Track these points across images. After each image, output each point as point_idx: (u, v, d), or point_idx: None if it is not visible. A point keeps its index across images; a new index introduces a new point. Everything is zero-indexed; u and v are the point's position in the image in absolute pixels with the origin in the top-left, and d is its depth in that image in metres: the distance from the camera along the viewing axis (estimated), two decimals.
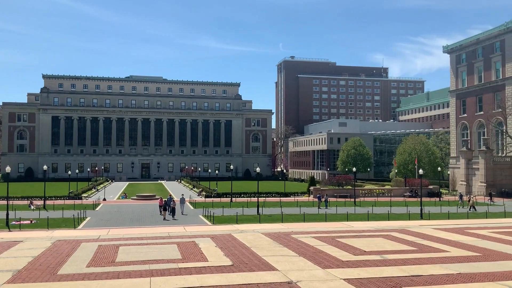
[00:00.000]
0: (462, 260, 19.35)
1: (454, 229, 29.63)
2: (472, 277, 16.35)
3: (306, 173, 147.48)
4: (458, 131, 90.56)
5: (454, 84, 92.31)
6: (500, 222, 34.98)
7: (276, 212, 46.04)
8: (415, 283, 15.36)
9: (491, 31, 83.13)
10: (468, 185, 78.24)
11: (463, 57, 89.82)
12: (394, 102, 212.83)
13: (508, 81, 78.16)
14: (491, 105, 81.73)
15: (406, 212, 45.57)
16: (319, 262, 18.83)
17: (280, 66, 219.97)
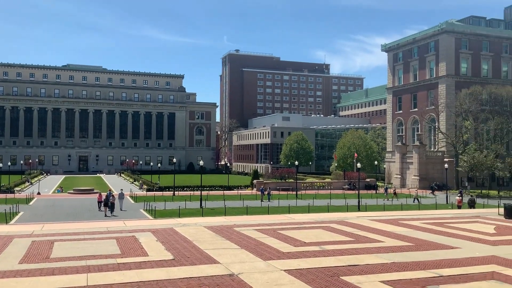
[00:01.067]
0: (396, 250, 20.29)
1: (389, 220, 31.01)
2: (405, 265, 17.19)
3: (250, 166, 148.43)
4: (394, 127, 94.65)
5: (391, 82, 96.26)
6: (431, 214, 37.01)
7: (219, 206, 46.03)
8: (352, 272, 15.93)
9: (426, 32, 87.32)
10: (402, 178, 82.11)
11: (400, 56, 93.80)
12: (335, 97, 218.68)
13: (441, 79, 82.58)
14: (425, 103, 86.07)
15: (344, 204, 47.12)
16: (261, 254, 19.04)
17: (224, 59, 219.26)
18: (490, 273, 16.02)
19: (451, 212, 38.25)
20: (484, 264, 17.53)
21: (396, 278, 15.13)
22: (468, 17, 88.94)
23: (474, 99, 75.20)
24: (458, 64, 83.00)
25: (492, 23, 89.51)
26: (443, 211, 40.79)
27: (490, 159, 68.75)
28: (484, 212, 38.35)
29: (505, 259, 18.40)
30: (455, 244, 21.80)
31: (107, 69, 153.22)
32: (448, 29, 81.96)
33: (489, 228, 27.38)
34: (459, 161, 72.77)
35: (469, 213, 37.59)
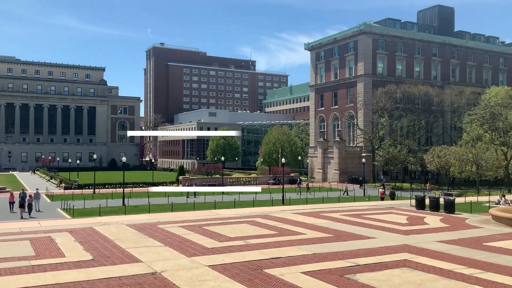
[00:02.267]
0: (317, 242, 21.05)
1: (311, 213, 32.08)
2: (325, 256, 17.88)
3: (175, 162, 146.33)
4: (316, 123, 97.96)
5: (313, 80, 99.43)
6: (350, 206, 38.81)
7: (143, 203, 44.89)
8: (275, 265, 16.29)
9: (346, 32, 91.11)
10: (324, 172, 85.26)
11: (322, 55, 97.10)
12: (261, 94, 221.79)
13: (360, 78, 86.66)
14: (345, 100, 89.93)
15: (269, 199, 47.99)
16: (185, 250, 18.87)
17: (149, 53, 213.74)
18: (402, 261, 17.12)
19: (368, 204, 40.36)
20: (397, 252, 18.69)
21: (316, 269, 15.70)
22: (385, 19, 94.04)
23: (389, 98, 79.78)
24: (375, 64, 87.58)
25: (407, 25, 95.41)
26: (361, 203, 42.93)
27: (403, 154, 73.37)
28: (397, 203, 40.91)
29: (416, 247, 19.76)
30: (371, 234, 23.03)
31: (20, 60, 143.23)
32: (366, 30, 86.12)
33: (402, 219, 29.25)
34: (376, 156, 76.95)
35: (384, 204, 39.89)
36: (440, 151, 65.92)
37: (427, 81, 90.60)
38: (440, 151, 65.92)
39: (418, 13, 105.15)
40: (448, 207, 32.18)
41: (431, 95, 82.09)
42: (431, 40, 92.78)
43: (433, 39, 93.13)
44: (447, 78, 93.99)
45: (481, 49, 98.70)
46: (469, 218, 29.06)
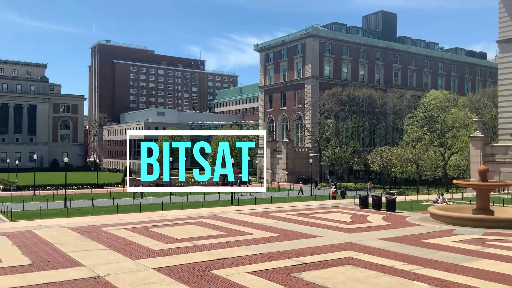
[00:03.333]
0: (264, 241, 21.22)
1: (259, 213, 32.31)
2: (272, 256, 18.05)
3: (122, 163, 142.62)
4: (265, 124, 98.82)
5: (263, 81, 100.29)
6: (297, 205, 39.44)
7: (86, 205, 43.43)
8: (222, 266, 16.27)
9: (294, 35, 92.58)
10: (273, 172, 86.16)
11: (271, 56, 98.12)
12: (211, 94, 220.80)
13: (307, 80, 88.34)
14: (293, 101, 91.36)
15: (218, 199, 47.87)
16: (130, 253, 18.43)
17: (94, 50, 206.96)
18: (346, 258, 17.61)
19: (315, 204, 41.20)
20: (341, 250, 19.19)
21: (263, 268, 15.83)
22: (331, 23, 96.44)
23: (335, 100, 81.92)
24: (322, 66, 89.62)
25: (352, 30, 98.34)
26: (308, 202, 43.75)
27: (348, 154, 75.57)
28: (342, 202, 42.04)
29: (359, 245, 20.37)
30: (317, 233, 23.51)
31: None
32: (313, 34, 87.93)
33: (346, 217, 30.07)
34: (322, 156, 78.75)
35: (330, 204, 40.87)
36: (382, 151, 68.44)
37: (371, 84, 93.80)
38: (382, 151, 68.44)
39: (363, 18, 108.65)
40: (390, 205, 33.43)
41: (374, 97, 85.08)
42: (375, 45, 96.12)
43: (377, 43, 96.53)
44: (389, 81, 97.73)
45: (422, 54, 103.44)
46: (409, 216, 30.33)
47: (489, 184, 30.09)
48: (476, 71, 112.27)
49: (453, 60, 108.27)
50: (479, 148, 54.11)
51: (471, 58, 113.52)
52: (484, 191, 28.76)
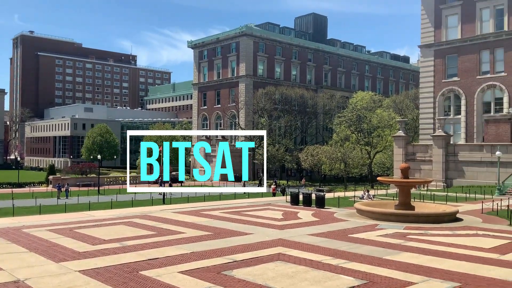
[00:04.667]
0: (196, 240, 21.05)
1: (191, 212, 32.03)
2: (204, 254, 17.95)
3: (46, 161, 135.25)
4: (199, 121, 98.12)
5: (197, 78, 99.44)
6: (230, 203, 39.57)
7: (6, 205, 40.65)
8: (152, 266, 15.93)
9: (228, 33, 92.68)
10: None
11: (205, 54, 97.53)
12: (143, 90, 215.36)
13: (241, 79, 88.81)
14: (227, 99, 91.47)
15: (149, 198, 46.81)
16: (53, 256, 17.52)
17: (16, 41, 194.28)
18: (276, 254, 17.91)
19: (247, 201, 41.54)
20: (272, 247, 19.49)
21: (194, 267, 15.70)
22: (265, 23, 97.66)
23: (268, 99, 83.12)
24: (256, 65, 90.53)
25: (285, 31, 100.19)
26: (241, 200, 44.01)
27: (281, 152, 77.00)
28: (275, 200, 42.77)
29: (289, 241, 20.81)
30: (249, 230, 23.71)
31: None
32: (247, 33, 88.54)
33: (278, 214, 30.63)
34: (256, 155, 79.57)
35: (263, 201, 41.43)
36: (313, 150, 70.49)
37: (303, 84, 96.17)
38: (313, 150, 70.49)
39: (295, 19, 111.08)
40: (319, 202, 34.50)
41: (306, 97, 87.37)
42: (307, 46, 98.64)
43: (308, 45, 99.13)
44: (320, 82, 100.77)
45: (350, 57, 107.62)
46: (337, 212, 31.46)
47: (410, 181, 31.95)
48: (400, 74, 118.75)
49: (379, 63, 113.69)
50: (401, 147, 57.31)
51: (395, 62, 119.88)
52: (405, 188, 30.49)
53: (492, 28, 59.89)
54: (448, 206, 31.67)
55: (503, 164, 47.00)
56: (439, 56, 64.26)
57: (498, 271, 15.45)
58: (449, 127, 62.41)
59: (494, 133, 55.03)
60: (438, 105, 64.30)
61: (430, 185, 48.95)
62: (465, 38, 61.83)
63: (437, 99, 64.32)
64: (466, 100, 61.76)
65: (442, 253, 18.38)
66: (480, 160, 51.22)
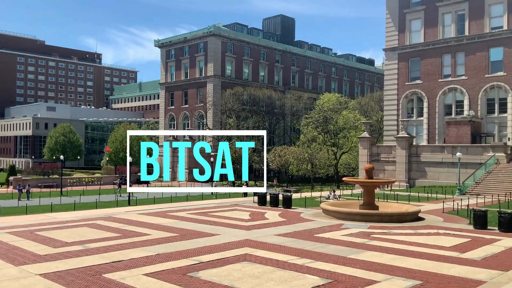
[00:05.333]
0: (162, 242, 20.80)
1: (158, 213, 31.63)
2: (169, 256, 17.75)
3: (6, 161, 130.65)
4: (166, 122, 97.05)
5: (164, 77, 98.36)
6: (197, 204, 39.25)
7: None
8: (115, 269, 15.63)
9: (196, 32, 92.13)
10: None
11: (173, 53, 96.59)
12: (108, 89, 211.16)
13: (209, 79, 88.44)
14: (195, 100, 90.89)
15: (114, 200, 45.94)
16: (13, 259, 16.94)
17: None
18: (243, 255, 17.91)
19: (215, 202, 41.35)
20: (238, 247, 19.48)
21: (159, 269, 15.51)
22: (233, 23, 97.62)
23: (236, 99, 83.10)
24: (224, 66, 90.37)
25: (253, 31, 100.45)
26: (209, 201, 43.75)
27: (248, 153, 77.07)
28: (242, 200, 42.75)
29: (256, 242, 20.86)
30: (216, 231, 23.62)
31: None
32: (215, 33, 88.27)
33: (245, 215, 30.64)
34: None
35: (229, 202, 41.34)
36: (280, 150, 70.93)
37: (271, 85, 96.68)
38: (280, 150, 70.93)
39: (263, 20, 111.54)
40: (286, 202, 34.74)
41: (274, 98, 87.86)
42: (275, 47, 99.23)
43: (276, 46, 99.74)
44: (288, 83, 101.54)
45: (317, 59, 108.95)
46: (304, 212, 31.75)
47: (374, 181, 32.62)
48: (365, 76, 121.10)
49: (345, 65, 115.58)
50: (366, 148, 58.45)
51: (361, 64, 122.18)
52: (369, 188, 31.10)
53: (453, 33, 61.92)
54: (411, 205, 32.50)
55: (463, 164, 48.65)
56: (403, 59, 65.92)
57: (458, 269, 15.96)
58: (412, 128, 64.09)
59: (454, 134, 56.90)
60: (402, 107, 65.94)
61: (394, 185, 50.14)
62: (427, 42, 63.68)
63: (400, 101, 65.94)
64: (428, 103, 63.59)
65: (405, 252, 18.84)
66: (442, 161, 52.82)
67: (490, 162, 48.97)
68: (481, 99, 59.33)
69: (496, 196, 39.63)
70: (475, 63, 59.68)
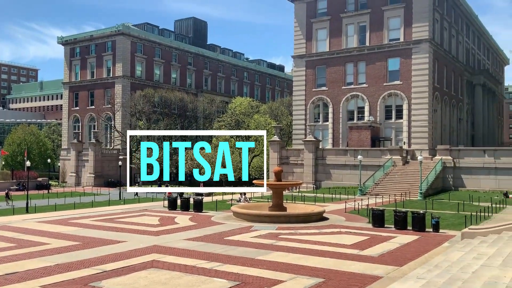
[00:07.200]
0: (62, 251, 19.60)
1: (59, 221, 29.75)
2: (70, 266, 16.78)
3: None
4: (70, 123, 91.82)
5: (68, 77, 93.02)
6: (103, 210, 37.53)
7: None
8: (9, 281, 14.44)
9: (104, 31, 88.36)
10: (78, 176, 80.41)
11: (78, 51, 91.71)
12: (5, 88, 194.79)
13: (118, 80, 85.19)
14: (102, 101, 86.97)
15: (10, 207, 42.45)
16: None
17: None
18: (150, 262, 17.45)
19: (122, 208, 39.85)
20: (146, 254, 18.96)
21: (59, 280, 14.61)
22: (144, 23, 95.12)
23: (147, 101, 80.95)
24: (134, 66, 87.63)
25: (164, 32, 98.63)
26: (116, 207, 42.02)
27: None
28: (152, 205, 41.64)
29: (165, 247, 20.45)
30: (122, 238, 22.77)
31: None
32: (124, 32, 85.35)
33: (154, 220, 29.91)
34: (133, 159, 76.80)
35: (139, 207, 40.11)
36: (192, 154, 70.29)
37: (183, 88, 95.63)
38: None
39: (175, 22, 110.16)
40: (197, 206, 34.51)
41: (186, 101, 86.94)
42: (187, 50, 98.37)
43: (189, 49, 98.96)
44: (200, 86, 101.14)
45: (230, 63, 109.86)
46: (215, 216, 31.78)
47: (282, 184, 33.61)
48: (276, 81, 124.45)
49: (256, 70, 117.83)
50: (276, 151, 60.05)
51: (272, 70, 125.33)
52: (278, 190, 31.97)
53: (356, 43, 65.89)
54: (316, 206, 33.95)
55: (364, 167, 51.88)
56: (310, 67, 68.77)
57: (357, 266, 16.95)
58: (318, 133, 67.04)
59: (356, 138, 60.52)
60: (309, 112, 68.75)
61: (302, 187, 52.04)
62: (332, 51, 67.10)
63: (308, 106, 68.71)
64: (333, 108, 66.96)
65: (309, 251, 19.62)
66: (345, 163, 55.87)
67: (388, 164, 52.76)
68: (380, 105, 63.74)
69: (393, 196, 42.75)
70: (375, 72, 64.02)
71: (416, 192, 44.88)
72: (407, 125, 61.69)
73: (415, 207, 34.42)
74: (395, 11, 62.90)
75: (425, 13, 60.70)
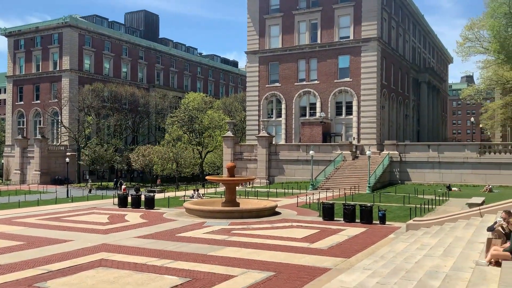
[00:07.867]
0: (5, 251, 18.76)
1: (2, 220, 28.36)
2: (13, 267, 16.10)
3: None
4: (14, 119, 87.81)
5: (11, 70, 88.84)
6: (50, 209, 36.17)
7: None
8: None
9: (50, 22, 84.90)
10: (22, 173, 77.11)
11: (22, 43, 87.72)
12: None
13: (65, 73, 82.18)
14: (48, 95, 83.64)
15: None
16: None
17: None
18: (98, 260, 17.02)
19: (69, 206, 38.58)
20: (94, 253, 18.46)
21: (1, 282, 13.99)
22: (92, 15, 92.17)
23: (96, 96, 78.63)
24: (82, 60, 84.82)
25: (114, 25, 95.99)
26: (63, 205, 40.63)
27: (110, 153, 73.54)
28: (101, 203, 40.55)
29: (114, 246, 20.00)
30: (69, 237, 22.06)
31: None
32: (72, 24, 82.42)
33: (103, 218, 29.15)
34: (81, 155, 74.52)
35: (87, 205, 38.96)
36: (144, 150, 69.13)
37: (134, 82, 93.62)
38: (144, 150, 69.13)
39: (125, 14, 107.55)
40: (148, 203, 33.95)
41: (137, 96, 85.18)
42: (138, 43, 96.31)
43: (140, 42, 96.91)
44: (152, 81, 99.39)
45: (182, 58, 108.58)
46: (167, 212, 31.39)
47: (235, 179, 33.68)
48: (230, 77, 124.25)
49: (210, 65, 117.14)
50: (230, 147, 60.08)
51: (225, 65, 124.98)
52: (231, 186, 32.02)
53: (308, 40, 66.88)
54: (269, 201, 34.31)
55: (316, 162, 52.92)
56: (263, 63, 69.17)
57: (307, 259, 17.29)
58: (272, 128, 67.64)
59: (308, 134, 61.58)
60: (263, 108, 69.20)
61: (255, 182, 52.42)
62: (285, 48, 67.79)
63: (261, 102, 69.14)
64: (286, 104, 67.74)
65: (261, 245, 19.81)
66: (297, 158, 56.74)
67: (338, 159, 54.07)
68: (331, 102, 65.12)
69: (343, 190, 43.89)
70: (326, 69, 65.28)
71: (364, 186, 46.30)
72: (356, 121, 63.38)
73: (364, 200, 35.51)
74: (345, 10, 64.31)
75: (373, 12, 62.46)
